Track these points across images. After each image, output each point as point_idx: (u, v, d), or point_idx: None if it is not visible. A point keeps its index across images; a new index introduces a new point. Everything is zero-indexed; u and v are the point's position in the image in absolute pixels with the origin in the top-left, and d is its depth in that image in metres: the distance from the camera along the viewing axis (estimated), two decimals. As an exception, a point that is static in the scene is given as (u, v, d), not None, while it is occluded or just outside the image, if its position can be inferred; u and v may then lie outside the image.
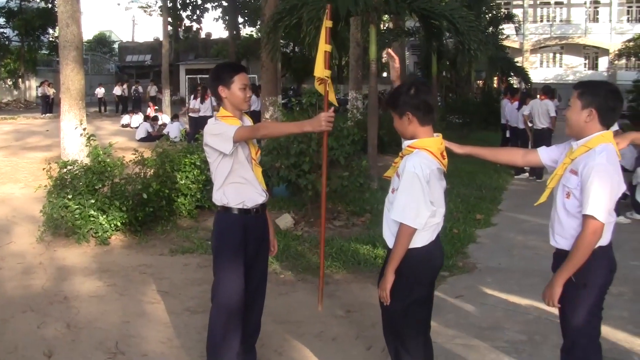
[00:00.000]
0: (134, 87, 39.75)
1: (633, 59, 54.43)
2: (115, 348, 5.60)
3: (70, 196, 8.93)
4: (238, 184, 4.57)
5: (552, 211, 4.13)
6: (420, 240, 4.10)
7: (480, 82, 40.07)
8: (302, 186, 9.47)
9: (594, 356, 4.10)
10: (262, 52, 15.05)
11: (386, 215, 4.24)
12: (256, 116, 18.18)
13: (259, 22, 39.15)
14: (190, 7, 50.12)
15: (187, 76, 47.88)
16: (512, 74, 38.34)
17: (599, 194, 3.77)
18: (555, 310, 4.12)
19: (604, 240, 3.95)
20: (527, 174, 15.82)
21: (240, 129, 4.38)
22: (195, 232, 9.46)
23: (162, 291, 7.11)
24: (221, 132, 4.41)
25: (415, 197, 3.96)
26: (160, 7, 40.46)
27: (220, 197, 4.60)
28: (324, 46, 4.68)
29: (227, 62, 4.81)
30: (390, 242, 4.18)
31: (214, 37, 62.99)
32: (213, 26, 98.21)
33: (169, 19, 40.48)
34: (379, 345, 5.63)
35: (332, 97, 4.86)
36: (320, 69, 4.91)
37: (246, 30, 55.45)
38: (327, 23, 4.74)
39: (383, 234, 4.29)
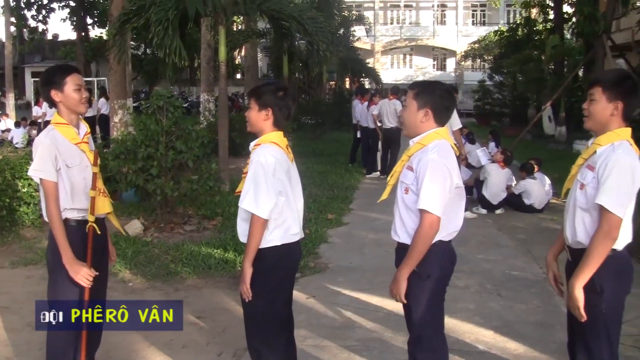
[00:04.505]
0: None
1: (478, 60, 56.63)
2: (-54, 371, 5.25)
3: None
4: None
5: (394, 207, 4.17)
6: (279, 237, 4.16)
7: (332, 83, 40.59)
8: (151, 191, 9.23)
9: (439, 346, 4.18)
10: (109, 54, 14.65)
11: (239, 213, 4.27)
12: (105, 120, 17.69)
13: (108, 23, 38.38)
14: (35, 7, 48.08)
15: (33, 79, 46.18)
16: (363, 74, 39.09)
17: (432, 188, 3.83)
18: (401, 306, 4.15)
19: (446, 236, 4.02)
20: (378, 173, 16.07)
21: (51, 185, 4.20)
22: (40, 242, 8.99)
23: (1, 307, 6.71)
24: (40, 158, 4.21)
25: (258, 185, 4.02)
26: (2, 6, 38.60)
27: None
28: None
29: (58, 65, 4.59)
30: (242, 238, 4.25)
31: (61, 38, 60.95)
32: (60, 27, 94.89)
33: (12, 19, 38.75)
34: (230, 351, 5.60)
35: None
36: None
37: (96, 32, 54.00)
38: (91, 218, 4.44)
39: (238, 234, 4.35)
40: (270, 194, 4.02)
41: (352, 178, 15.49)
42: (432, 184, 3.83)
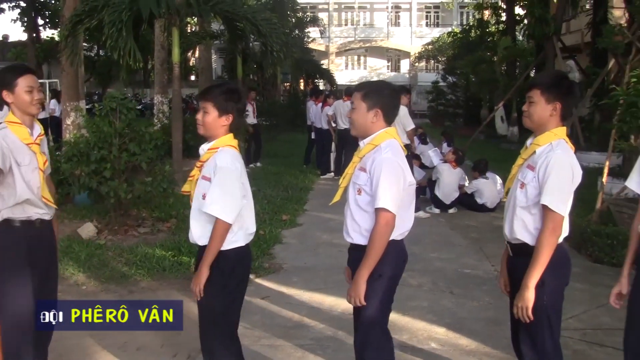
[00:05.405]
0: None
1: (432, 61, 57.18)
2: None
3: None
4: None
5: (345, 208, 4.21)
6: (241, 238, 4.20)
7: (286, 85, 40.63)
8: (104, 193, 9.16)
9: (386, 344, 4.23)
10: (61, 55, 14.50)
11: (195, 216, 4.21)
12: (57, 122, 17.47)
13: (60, 24, 37.87)
14: (-16, 8, 47.41)
15: (-18, 81, 45.38)
16: (317, 76, 39.19)
17: (387, 186, 3.88)
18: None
19: (398, 236, 4.07)
20: (332, 174, 16.15)
21: None
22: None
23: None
24: None
25: (229, 192, 4.03)
26: (-50, 8, 38.00)
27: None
28: None
29: (12, 65, 4.55)
30: (199, 241, 4.19)
31: (11, 39, 59.98)
32: (11, 28, 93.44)
33: (-39, 21, 38.14)
34: (185, 352, 5.59)
35: None
36: None
37: (47, 33, 53.28)
38: None
39: (191, 235, 4.25)
40: (238, 199, 4.06)
41: (306, 179, 15.58)
42: (388, 182, 3.88)
